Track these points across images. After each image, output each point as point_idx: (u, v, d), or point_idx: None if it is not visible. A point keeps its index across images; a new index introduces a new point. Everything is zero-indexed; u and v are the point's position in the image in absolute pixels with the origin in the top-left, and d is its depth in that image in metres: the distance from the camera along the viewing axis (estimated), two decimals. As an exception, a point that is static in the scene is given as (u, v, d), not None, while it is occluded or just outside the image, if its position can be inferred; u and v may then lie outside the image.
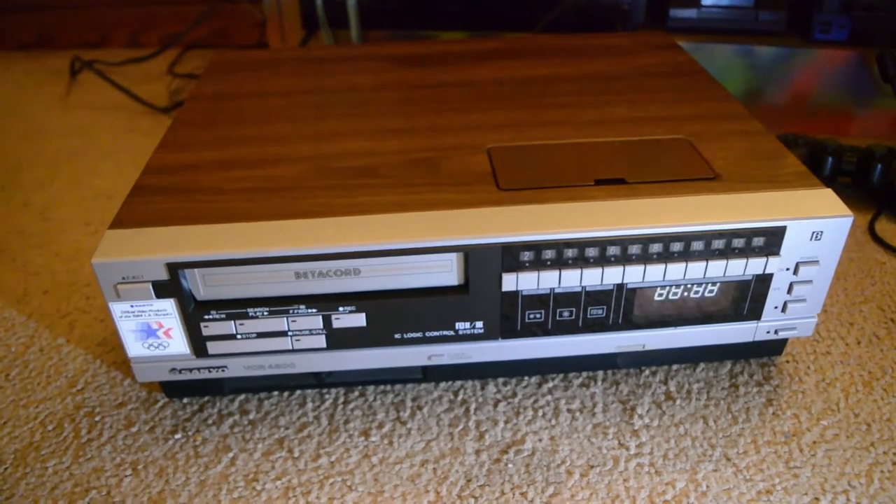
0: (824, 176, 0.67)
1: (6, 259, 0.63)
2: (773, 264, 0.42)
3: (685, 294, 0.43)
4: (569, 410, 0.47)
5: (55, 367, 0.51)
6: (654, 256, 0.41)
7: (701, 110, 0.53)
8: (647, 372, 0.50)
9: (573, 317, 0.44)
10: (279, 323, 0.42)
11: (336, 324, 0.43)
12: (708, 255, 0.42)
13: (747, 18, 0.81)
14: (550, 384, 0.49)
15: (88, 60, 1.03)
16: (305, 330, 0.43)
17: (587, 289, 0.42)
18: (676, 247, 0.41)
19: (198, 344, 0.43)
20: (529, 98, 0.56)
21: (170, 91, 0.98)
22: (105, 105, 0.95)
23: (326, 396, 0.48)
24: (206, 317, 0.42)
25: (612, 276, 0.42)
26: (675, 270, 0.42)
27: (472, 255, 0.40)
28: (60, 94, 0.99)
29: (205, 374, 0.44)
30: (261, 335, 0.43)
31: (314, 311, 0.42)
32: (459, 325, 0.43)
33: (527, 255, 0.41)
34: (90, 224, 0.68)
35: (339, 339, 0.43)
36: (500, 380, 0.49)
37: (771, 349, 0.50)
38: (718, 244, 0.41)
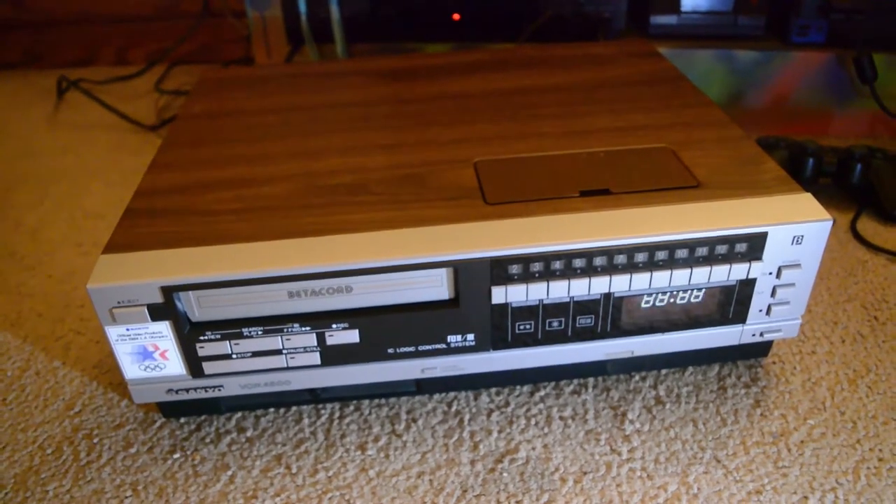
0: (805, 177, 0.69)
1: (-1, 282, 0.64)
2: (756, 269, 0.43)
3: (671, 300, 0.44)
4: (561, 418, 0.48)
5: (52, 390, 0.51)
6: (640, 265, 0.42)
7: (682, 118, 0.54)
8: (636, 377, 0.50)
9: (562, 326, 0.45)
10: (274, 342, 0.43)
11: (330, 341, 0.43)
12: (692, 262, 0.43)
13: (726, 23, 0.83)
14: (542, 392, 0.50)
15: (75, 80, 1.03)
16: (300, 347, 0.43)
17: (575, 299, 0.43)
18: (661, 255, 0.42)
19: (194, 364, 0.43)
20: (514, 110, 0.57)
21: (157, 108, 0.99)
22: (93, 124, 0.95)
23: (322, 412, 0.49)
24: (202, 338, 0.42)
25: (599, 285, 0.43)
26: (661, 278, 0.43)
27: (461, 270, 0.41)
28: (48, 113, 0.99)
29: (201, 394, 0.45)
30: (256, 354, 0.43)
31: (308, 328, 0.43)
32: (451, 339, 0.44)
33: (515, 268, 0.41)
34: (82, 245, 0.69)
35: (333, 356, 0.44)
36: (493, 390, 0.50)
37: (757, 351, 0.51)
38: (702, 251, 0.42)
